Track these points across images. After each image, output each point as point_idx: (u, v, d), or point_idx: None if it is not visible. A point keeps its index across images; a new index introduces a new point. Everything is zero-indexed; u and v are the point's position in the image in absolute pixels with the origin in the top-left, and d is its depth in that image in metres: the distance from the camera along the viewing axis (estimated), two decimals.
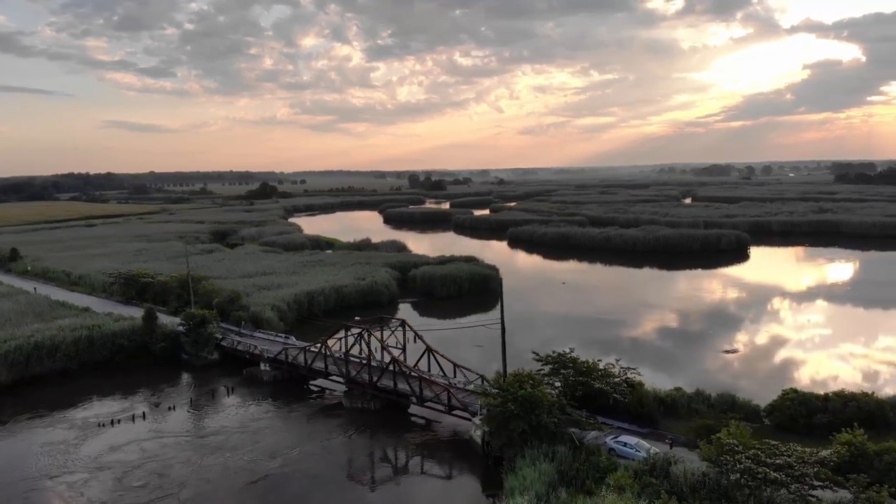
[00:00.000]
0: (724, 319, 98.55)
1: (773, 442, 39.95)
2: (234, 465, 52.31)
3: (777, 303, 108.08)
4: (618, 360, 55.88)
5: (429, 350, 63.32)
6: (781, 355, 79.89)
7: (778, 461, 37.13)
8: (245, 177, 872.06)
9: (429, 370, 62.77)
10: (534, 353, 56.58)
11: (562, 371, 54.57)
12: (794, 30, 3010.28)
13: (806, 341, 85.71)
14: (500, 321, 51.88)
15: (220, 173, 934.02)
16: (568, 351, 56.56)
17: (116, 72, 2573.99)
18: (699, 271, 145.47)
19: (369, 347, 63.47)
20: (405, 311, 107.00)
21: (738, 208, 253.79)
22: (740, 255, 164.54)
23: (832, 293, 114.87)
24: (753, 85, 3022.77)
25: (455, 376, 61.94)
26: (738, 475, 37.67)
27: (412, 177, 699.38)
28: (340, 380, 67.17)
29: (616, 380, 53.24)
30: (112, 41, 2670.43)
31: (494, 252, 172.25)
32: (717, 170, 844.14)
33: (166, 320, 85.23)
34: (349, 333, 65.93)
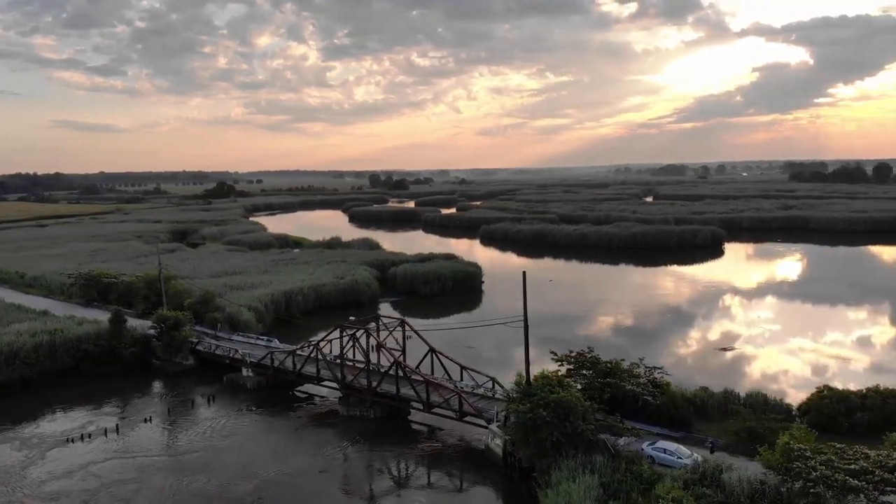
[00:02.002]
0: (713, 316, 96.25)
1: (839, 445, 36.55)
2: (217, 488, 46.56)
3: (766, 298, 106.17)
4: (641, 360, 52.10)
5: (432, 351, 58.64)
6: (781, 351, 77.28)
7: (853, 466, 33.70)
8: (199, 177, 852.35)
9: (432, 373, 58.10)
10: (552, 352, 52.38)
11: (583, 372, 50.64)
12: (743, 33, 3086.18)
13: (803, 336, 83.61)
14: (522, 318, 47.30)
15: (173, 173, 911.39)
16: (587, 350, 52.64)
17: (65, 70, 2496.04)
18: (679, 267, 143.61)
19: (367, 349, 58.46)
20: (387, 310, 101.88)
21: (703, 205, 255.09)
22: (716, 251, 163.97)
23: (819, 288, 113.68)
24: (704, 87, 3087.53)
25: (462, 379, 57.41)
26: (806, 483, 34.14)
27: (373, 176, 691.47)
28: (334, 385, 62.06)
29: (641, 380, 49.48)
30: (61, 39, 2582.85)
31: (468, 250, 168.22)
32: (672, 170, 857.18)
33: (134, 323, 78.61)
34: (344, 334, 60.67)
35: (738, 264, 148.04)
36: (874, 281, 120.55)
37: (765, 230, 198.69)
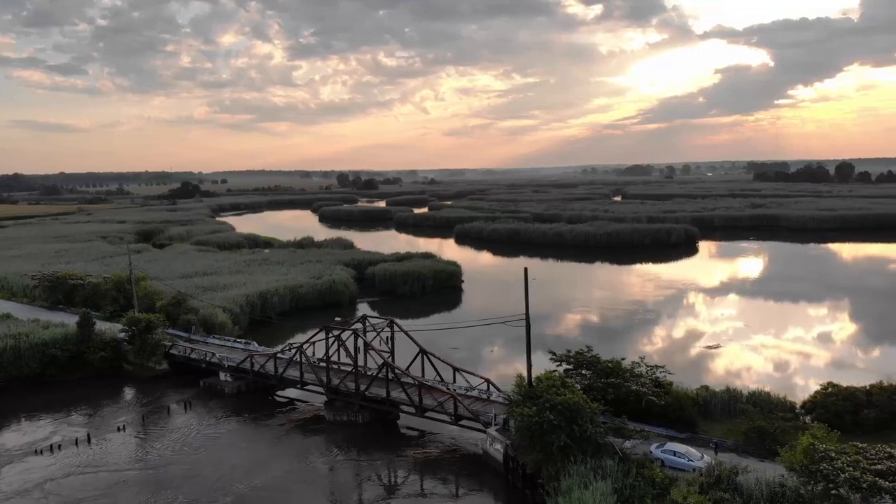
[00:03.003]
0: (695, 313, 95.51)
1: (861, 445, 35.22)
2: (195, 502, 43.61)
3: (747, 296, 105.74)
4: (642, 359, 50.45)
5: (422, 352, 56.29)
6: (769, 349, 76.50)
7: (879, 467, 32.34)
8: (162, 177, 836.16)
9: (423, 375, 55.74)
10: (551, 352, 50.43)
11: (582, 372, 48.82)
12: (706, 35, 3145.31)
13: (789, 334, 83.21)
14: (522, 317, 45.20)
15: (135, 174, 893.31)
16: (585, 349, 50.82)
17: (25, 69, 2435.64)
18: (656, 265, 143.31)
19: (355, 351, 55.88)
20: (366, 311, 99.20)
21: (672, 204, 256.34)
22: (690, 249, 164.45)
23: (799, 286, 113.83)
24: (668, 88, 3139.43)
25: (454, 381, 55.21)
26: (828, 485, 32.69)
27: (341, 176, 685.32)
28: (319, 389, 59.32)
29: (643, 380, 47.79)
30: (20, 37, 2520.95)
31: (444, 249, 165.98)
32: (638, 170, 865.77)
33: (103, 326, 74.71)
34: (330, 336, 57.93)
35: (714, 262, 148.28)
36: (849, 279, 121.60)
37: (736, 228, 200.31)
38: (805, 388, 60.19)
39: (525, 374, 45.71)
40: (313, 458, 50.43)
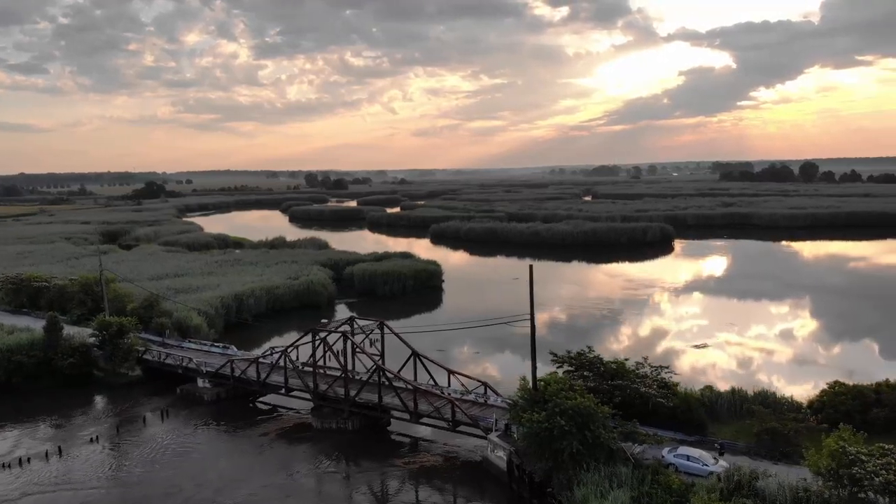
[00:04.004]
0: (678, 312, 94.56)
1: (888, 446, 33.78)
2: None
3: (733, 295, 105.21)
4: (646, 359, 48.71)
5: (415, 355, 53.90)
6: (756, 347, 75.75)
7: None
8: (125, 177, 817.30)
9: (415, 379, 53.36)
10: (551, 353, 48.39)
11: (584, 373, 46.90)
12: (670, 38, 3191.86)
13: (778, 332, 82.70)
14: (524, 317, 43.07)
15: (97, 174, 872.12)
16: (587, 350, 48.93)
17: None
18: (634, 264, 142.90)
19: (345, 355, 53.27)
20: (345, 312, 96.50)
21: (643, 204, 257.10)
22: (666, 247, 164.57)
23: (779, 284, 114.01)
24: (633, 90, 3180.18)
25: (449, 385, 52.94)
26: (854, 488, 31.25)
27: (309, 176, 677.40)
28: (305, 396, 56.53)
29: (648, 381, 46.06)
30: None
31: (420, 249, 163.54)
32: (605, 170, 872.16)
33: (71, 331, 70.72)
34: (316, 339, 55.13)
35: (692, 261, 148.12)
36: (828, 276, 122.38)
37: (709, 227, 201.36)
38: (804, 386, 59.31)
39: (528, 376, 43.55)
40: (300, 469, 47.68)
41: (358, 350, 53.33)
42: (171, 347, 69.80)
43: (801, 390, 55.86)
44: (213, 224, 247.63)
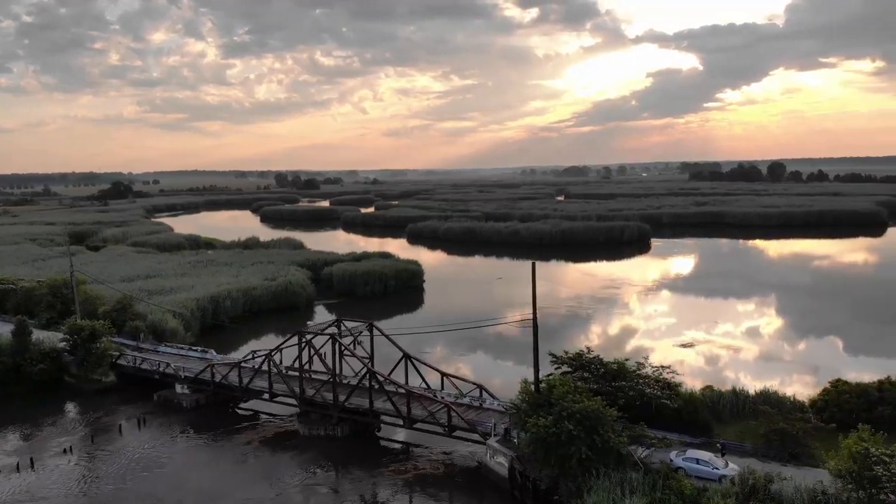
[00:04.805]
0: (661, 311, 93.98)
1: None
2: None
3: (715, 293, 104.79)
4: (646, 358, 47.43)
5: (406, 357, 51.95)
6: (741, 346, 75.20)
7: None
8: (90, 178, 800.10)
9: (406, 382, 51.42)
10: (551, 354, 46.78)
11: (584, 375, 45.41)
12: (638, 40, 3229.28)
13: (762, 329, 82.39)
14: (531, 319, 41.38)
15: (62, 174, 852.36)
16: (586, 350, 47.47)
17: None
18: (613, 262, 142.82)
19: (334, 358, 51.11)
20: (323, 313, 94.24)
21: (617, 203, 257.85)
22: (643, 246, 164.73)
23: (762, 282, 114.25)
24: (602, 92, 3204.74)
25: (442, 388, 51.11)
26: (873, 490, 30.25)
27: (279, 176, 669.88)
28: (290, 401, 54.21)
29: (649, 381, 44.74)
30: None
31: (397, 249, 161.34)
32: (575, 171, 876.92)
33: (40, 335, 67.38)
34: (302, 342, 52.84)
35: (669, 259, 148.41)
36: (803, 274, 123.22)
37: (684, 226, 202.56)
38: (801, 385, 58.74)
39: (521, 378, 41.94)
40: (286, 478, 45.33)
41: (347, 353, 51.18)
42: (147, 352, 66.89)
43: (799, 389, 55.09)
44: (183, 224, 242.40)
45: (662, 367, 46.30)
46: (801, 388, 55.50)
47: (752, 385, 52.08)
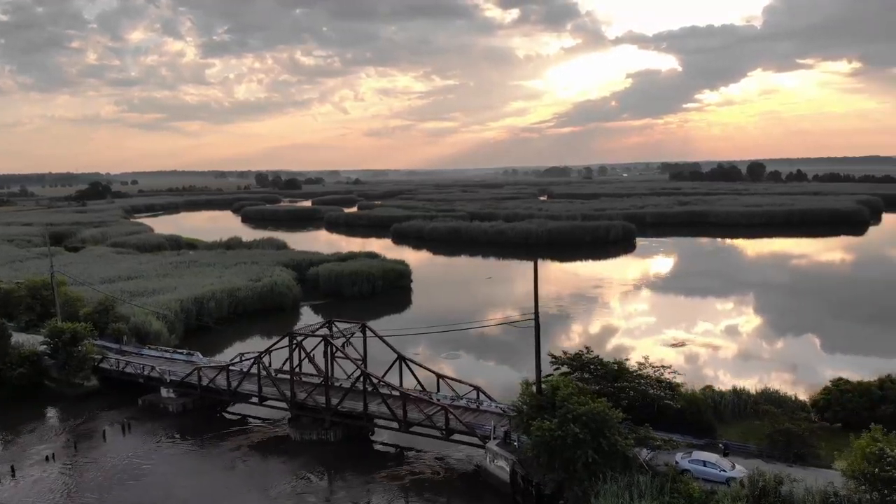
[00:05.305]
0: (650, 310, 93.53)
1: None
2: None
3: (698, 292, 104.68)
4: (646, 358, 46.59)
5: (401, 359, 50.69)
6: (731, 344, 74.88)
7: None
8: (67, 178, 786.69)
9: (401, 384, 50.13)
10: (550, 354, 45.80)
11: (583, 375, 44.50)
12: (618, 41, 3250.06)
13: (749, 327, 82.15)
14: (530, 319, 40.35)
15: (39, 175, 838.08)
16: (585, 350, 46.56)
17: None
18: (600, 261, 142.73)
19: (326, 360, 49.73)
20: (309, 314, 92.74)
21: (601, 203, 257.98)
22: (629, 246, 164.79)
23: (754, 281, 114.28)
24: (582, 92, 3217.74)
25: (438, 390, 49.93)
26: (883, 490, 29.63)
27: (259, 176, 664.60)
28: (280, 405, 52.73)
29: (652, 382, 43.93)
30: None
31: (382, 248, 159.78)
32: (557, 171, 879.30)
33: (19, 338, 65.36)
34: (294, 344, 51.38)
35: (656, 258, 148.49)
36: (790, 272, 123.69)
37: (668, 225, 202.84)
38: (795, 384, 58.29)
39: (530, 379, 40.89)
40: (278, 485, 43.90)
41: (340, 355, 49.77)
42: (130, 355, 64.94)
43: (796, 388, 54.64)
44: (163, 225, 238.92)
45: (663, 366, 45.52)
46: (796, 388, 55.00)
47: (749, 384, 51.56)
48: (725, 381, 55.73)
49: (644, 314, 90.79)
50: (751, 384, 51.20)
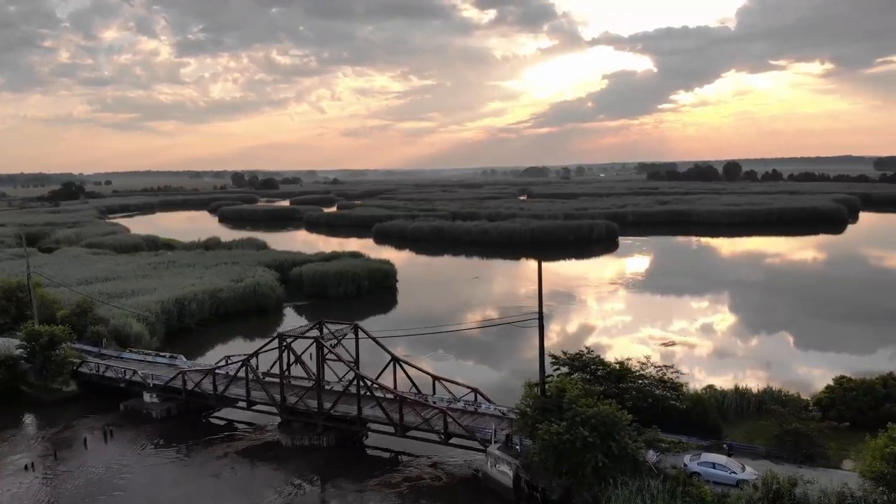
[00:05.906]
0: (637, 308, 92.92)
1: None
2: None
3: (686, 290, 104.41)
4: (648, 358, 45.63)
5: (395, 360, 49.22)
6: (724, 343, 74.38)
7: None
8: (39, 179, 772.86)
9: (395, 386, 48.67)
10: (550, 354, 44.63)
11: (584, 375, 43.40)
12: (594, 42, 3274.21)
13: (739, 325, 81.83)
14: (537, 318, 39.09)
15: (10, 175, 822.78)
16: (585, 350, 45.48)
17: None
18: (584, 261, 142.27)
19: (318, 363, 48.09)
20: (293, 315, 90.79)
21: (581, 202, 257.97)
22: (611, 245, 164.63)
23: (741, 279, 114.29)
24: (559, 93, 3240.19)
25: (434, 392, 48.54)
26: None
27: (235, 175, 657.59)
28: (269, 409, 50.98)
29: (655, 382, 42.98)
30: None
31: (364, 248, 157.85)
32: (535, 171, 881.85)
33: None
34: (283, 346, 49.66)
35: (639, 257, 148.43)
36: (776, 270, 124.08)
37: (649, 224, 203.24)
38: (792, 383, 57.75)
39: (534, 381, 39.66)
40: (267, 493, 42.19)
41: (331, 357, 48.18)
42: (110, 358, 62.79)
43: (797, 386, 54.00)
44: (139, 225, 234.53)
45: (665, 366, 44.59)
46: (796, 386, 54.40)
47: (744, 383, 50.83)
48: (725, 381, 54.93)
49: (634, 313, 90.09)
50: (746, 383, 50.48)
